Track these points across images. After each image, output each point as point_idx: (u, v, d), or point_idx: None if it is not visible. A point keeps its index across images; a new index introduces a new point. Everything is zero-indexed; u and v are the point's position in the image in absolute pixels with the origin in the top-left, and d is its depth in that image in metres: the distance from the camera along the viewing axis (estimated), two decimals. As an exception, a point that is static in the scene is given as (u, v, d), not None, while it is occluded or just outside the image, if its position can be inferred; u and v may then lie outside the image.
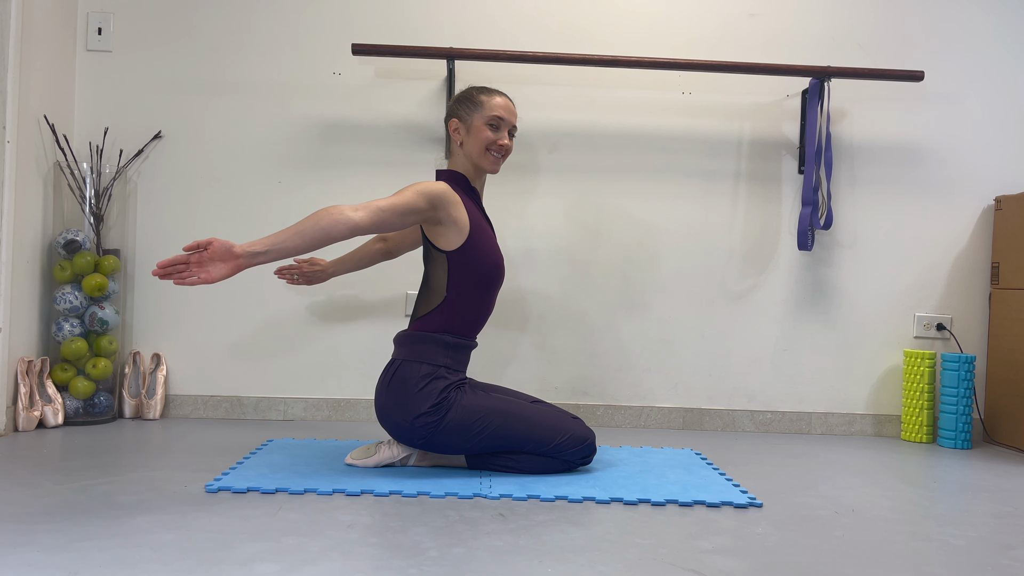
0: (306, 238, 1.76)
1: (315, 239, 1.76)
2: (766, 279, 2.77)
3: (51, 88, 2.55)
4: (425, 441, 1.95)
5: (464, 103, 2.08)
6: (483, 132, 2.05)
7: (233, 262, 1.71)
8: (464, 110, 2.07)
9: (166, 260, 1.68)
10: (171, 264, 1.69)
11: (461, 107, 2.08)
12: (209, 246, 1.69)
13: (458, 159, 2.09)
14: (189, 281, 1.69)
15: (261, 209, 2.70)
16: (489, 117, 2.05)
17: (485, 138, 2.04)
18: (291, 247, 1.75)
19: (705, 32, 2.76)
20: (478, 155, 2.06)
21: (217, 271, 1.70)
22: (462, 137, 2.07)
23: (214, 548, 1.43)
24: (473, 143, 2.05)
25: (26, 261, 2.44)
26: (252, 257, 1.72)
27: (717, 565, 1.43)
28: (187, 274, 1.70)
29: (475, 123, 2.05)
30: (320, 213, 1.78)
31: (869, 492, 1.98)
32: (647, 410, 2.75)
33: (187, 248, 1.70)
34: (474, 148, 2.05)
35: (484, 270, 2.03)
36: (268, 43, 2.71)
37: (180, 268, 1.69)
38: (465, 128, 2.06)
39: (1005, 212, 2.72)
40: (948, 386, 2.63)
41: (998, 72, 2.80)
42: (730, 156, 2.76)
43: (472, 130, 2.05)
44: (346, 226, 1.78)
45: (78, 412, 2.52)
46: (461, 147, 2.08)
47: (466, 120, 2.06)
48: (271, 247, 1.73)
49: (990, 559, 1.51)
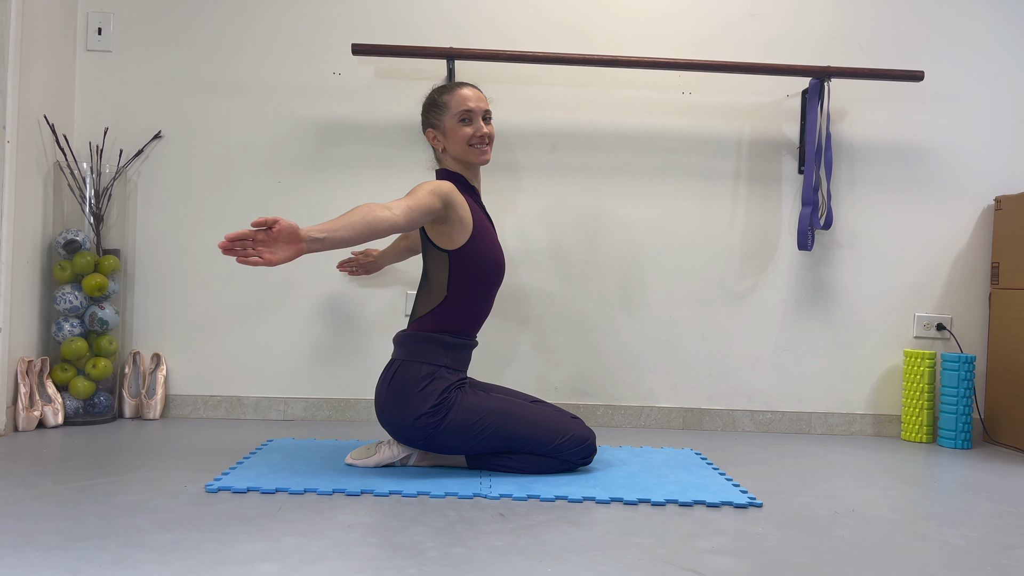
0: (356, 231, 1.75)
1: (363, 233, 1.76)
2: (766, 279, 2.77)
3: (51, 88, 2.55)
4: (425, 441, 1.95)
5: (430, 110, 2.09)
6: (459, 131, 2.04)
7: (296, 245, 1.66)
8: (433, 117, 2.07)
9: (234, 234, 1.61)
10: (239, 239, 1.61)
11: (430, 115, 2.09)
12: (276, 224, 1.63)
13: (447, 163, 2.10)
14: (252, 261, 1.63)
15: (261, 209, 2.70)
16: (459, 113, 2.04)
17: (463, 135, 2.04)
18: (344, 237, 1.73)
19: (705, 32, 2.76)
20: (463, 153, 2.06)
21: (281, 253, 1.64)
22: (443, 143, 2.07)
23: (214, 548, 1.43)
24: (454, 144, 2.06)
25: (26, 261, 2.44)
26: (312, 242, 1.68)
27: (717, 565, 1.43)
28: (251, 253, 1.63)
29: (447, 125, 2.05)
30: (363, 209, 1.77)
31: (869, 492, 1.98)
32: (647, 410, 2.75)
33: (255, 224, 1.63)
34: (457, 148, 2.06)
35: (486, 268, 2.03)
36: (268, 43, 2.71)
37: (247, 244, 1.63)
38: (441, 133, 2.07)
39: (1005, 212, 2.72)
40: (948, 386, 2.63)
41: (998, 72, 2.80)
42: (730, 156, 2.76)
43: (448, 133, 2.06)
44: (389, 223, 1.79)
45: (78, 412, 2.52)
46: (445, 152, 2.08)
47: (438, 125, 2.07)
48: (328, 234, 1.70)
49: (990, 559, 1.51)
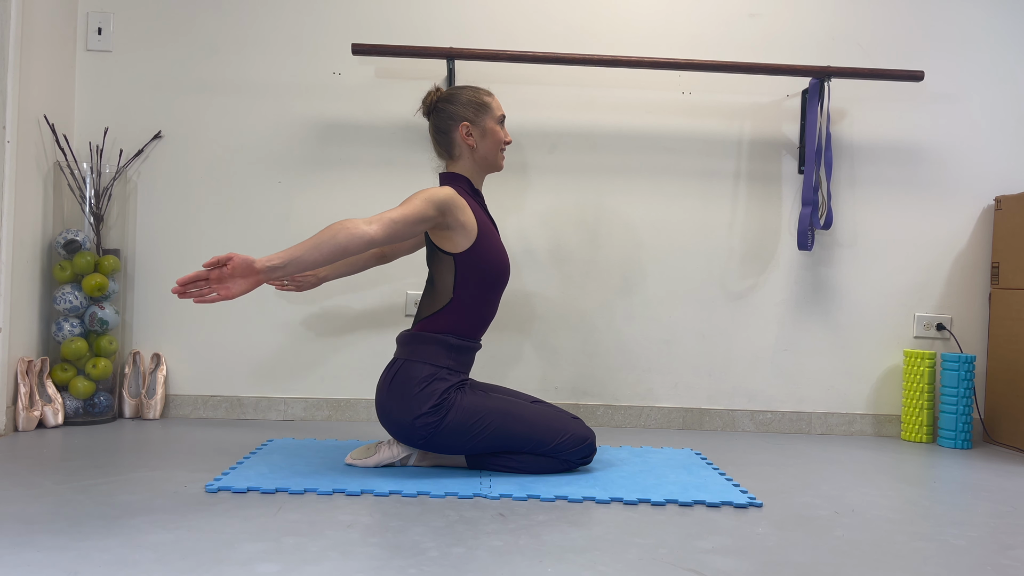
0: (323, 252, 1.76)
1: (332, 253, 1.77)
2: (766, 279, 2.77)
3: (51, 88, 2.55)
4: (425, 441, 1.95)
5: (472, 106, 2.07)
6: (497, 133, 2.09)
7: (253, 277, 1.72)
8: (473, 113, 2.07)
9: (186, 277, 1.67)
10: (191, 281, 1.68)
11: (469, 110, 2.07)
12: (229, 262, 1.69)
13: (465, 162, 2.09)
14: (209, 299, 1.69)
15: (261, 209, 2.70)
16: (499, 117, 2.10)
17: (500, 139, 2.10)
18: (309, 261, 1.75)
19: (705, 32, 2.76)
20: (494, 155, 2.10)
21: (237, 287, 1.70)
22: (475, 140, 2.07)
23: (214, 548, 1.43)
24: (489, 145, 2.08)
25: (26, 261, 2.44)
26: (271, 271, 1.72)
27: (717, 565, 1.43)
28: (207, 291, 1.70)
29: (488, 125, 2.07)
30: (335, 227, 1.79)
31: (869, 492, 1.98)
32: (647, 410, 2.75)
33: (207, 264, 1.70)
34: (491, 149, 2.08)
35: (491, 271, 2.03)
36: (268, 43, 2.71)
37: (200, 285, 1.69)
38: (479, 132, 2.07)
39: (1005, 212, 2.72)
40: (948, 386, 2.63)
41: (998, 72, 2.80)
42: (730, 156, 2.76)
43: (487, 132, 2.07)
44: (362, 240, 1.79)
45: (78, 412, 2.52)
46: (472, 150, 2.08)
47: (478, 123, 2.07)
48: (289, 260, 1.74)
49: (990, 559, 1.51)
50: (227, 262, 1.69)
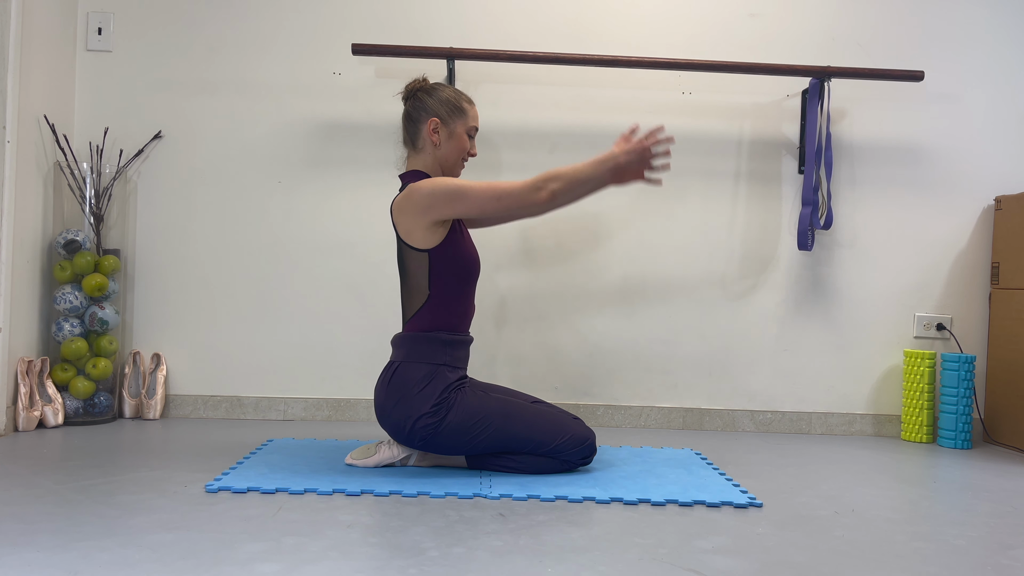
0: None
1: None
2: (766, 279, 2.77)
3: (51, 88, 2.55)
4: (425, 442, 1.95)
5: (449, 106, 2.06)
6: (464, 141, 2.08)
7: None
8: (447, 112, 2.05)
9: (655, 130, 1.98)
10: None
11: (444, 109, 2.05)
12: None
13: (426, 157, 2.07)
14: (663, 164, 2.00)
15: (261, 209, 2.70)
16: (470, 127, 2.08)
17: (464, 147, 2.09)
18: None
19: (705, 32, 2.76)
20: (454, 161, 2.09)
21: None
22: (440, 139, 2.06)
23: (214, 548, 1.43)
24: (453, 149, 2.07)
25: (26, 261, 2.44)
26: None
27: (717, 565, 1.43)
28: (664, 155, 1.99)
29: (458, 130, 2.07)
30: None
31: (869, 492, 1.98)
32: (647, 410, 2.75)
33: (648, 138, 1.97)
34: (452, 154, 2.07)
35: (463, 264, 2.03)
36: (268, 43, 2.71)
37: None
38: (447, 132, 2.06)
39: (1005, 212, 2.72)
40: (948, 386, 2.63)
41: (998, 72, 2.80)
42: (730, 156, 2.76)
43: (454, 136, 2.06)
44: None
45: (78, 412, 2.52)
46: (435, 147, 2.06)
47: (449, 124, 2.06)
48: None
49: (990, 559, 1.51)
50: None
